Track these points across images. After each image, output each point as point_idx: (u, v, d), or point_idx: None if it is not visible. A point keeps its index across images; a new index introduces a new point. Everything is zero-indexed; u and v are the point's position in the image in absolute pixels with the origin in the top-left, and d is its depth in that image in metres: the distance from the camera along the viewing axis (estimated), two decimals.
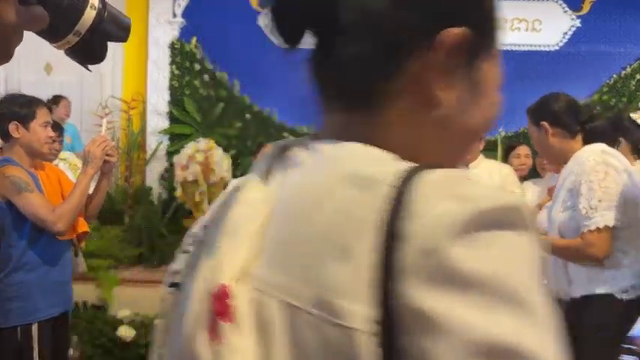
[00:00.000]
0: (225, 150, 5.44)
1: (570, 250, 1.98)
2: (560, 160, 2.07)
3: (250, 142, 5.77)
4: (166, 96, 5.87)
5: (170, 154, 5.73)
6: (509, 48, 5.92)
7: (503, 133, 6.00)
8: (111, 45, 0.64)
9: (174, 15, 5.87)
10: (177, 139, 5.76)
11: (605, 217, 1.86)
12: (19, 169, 2.04)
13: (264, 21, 5.89)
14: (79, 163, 4.10)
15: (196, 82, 5.88)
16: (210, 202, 5.12)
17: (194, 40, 5.88)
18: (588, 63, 5.93)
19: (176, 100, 5.86)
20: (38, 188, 2.08)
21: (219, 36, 5.87)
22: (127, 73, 5.87)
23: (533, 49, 5.88)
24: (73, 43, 0.59)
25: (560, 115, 2.00)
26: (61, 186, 2.26)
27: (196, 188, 5.06)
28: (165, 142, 5.85)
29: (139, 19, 5.93)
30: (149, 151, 5.83)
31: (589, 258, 1.91)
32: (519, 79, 5.85)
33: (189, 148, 5.15)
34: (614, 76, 6.02)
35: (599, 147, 1.97)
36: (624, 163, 2.00)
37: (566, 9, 5.88)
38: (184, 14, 5.89)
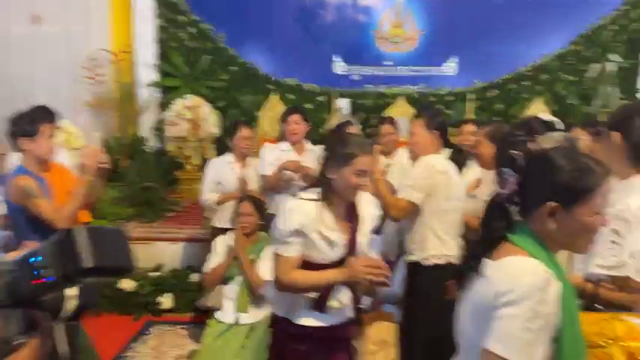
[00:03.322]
0: (212, 102, 5.63)
1: None
2: None
3: (236, 94, 5.96)
4: (153, 48, 5.97)
5: (162, 105, 5.91)
6: None
7: (479, 84, 6.21)
8: None
9: None
10: (167, 92, 5.91)
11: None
12: (28, 178, 2.37)
13: None
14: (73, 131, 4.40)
15: (182, 35, 5.96)
16: (201, 156, 5.34)
17: None
18: (563, 13, 6.01)
19: (163, 52, 5.96)
20: (46, 190, 2.41)
21: None
22: (114, 25, 5.89)
23: None
24: None
25: None
26: (64, 182, 2.59)
27: (186, 144, 5.31)
28: (156, 94, 6.00)
29: None
30: (140, 103, 6.00)
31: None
32: (494, 29, 5.96)
33: (177, 104, 5.34)
34: (589, 26, 6.11)
35: None
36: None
37: None
38: None
